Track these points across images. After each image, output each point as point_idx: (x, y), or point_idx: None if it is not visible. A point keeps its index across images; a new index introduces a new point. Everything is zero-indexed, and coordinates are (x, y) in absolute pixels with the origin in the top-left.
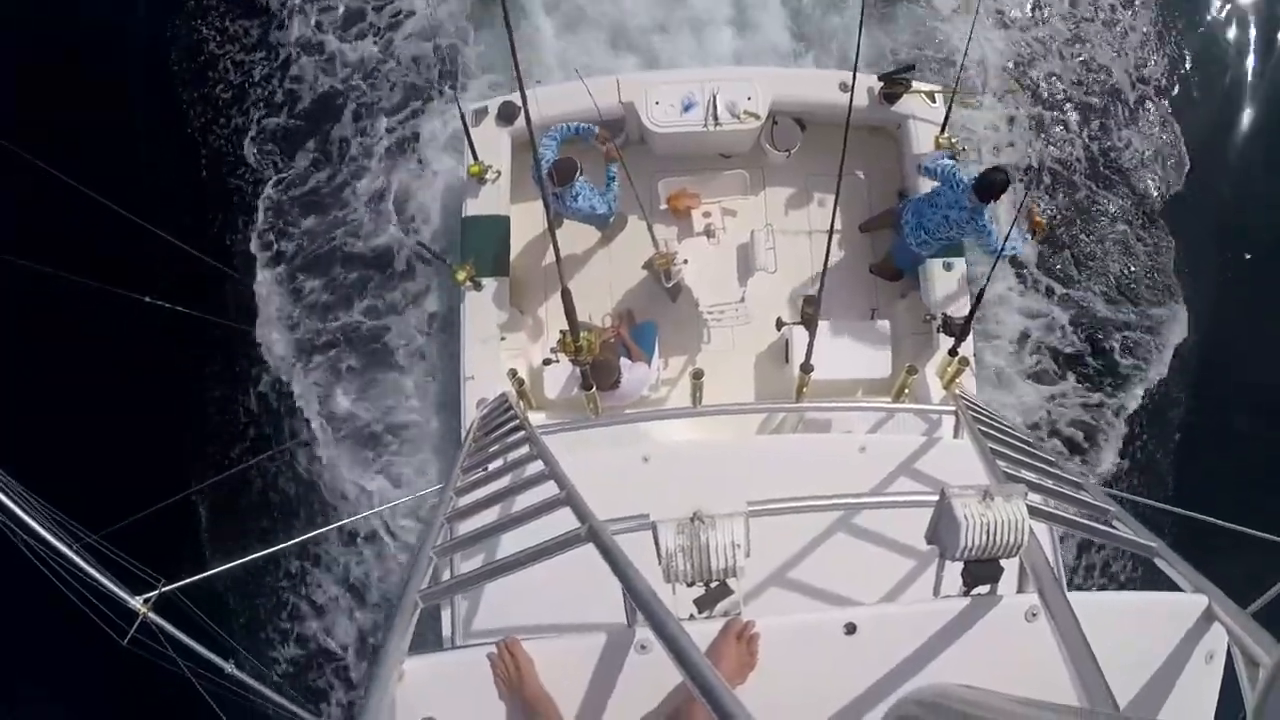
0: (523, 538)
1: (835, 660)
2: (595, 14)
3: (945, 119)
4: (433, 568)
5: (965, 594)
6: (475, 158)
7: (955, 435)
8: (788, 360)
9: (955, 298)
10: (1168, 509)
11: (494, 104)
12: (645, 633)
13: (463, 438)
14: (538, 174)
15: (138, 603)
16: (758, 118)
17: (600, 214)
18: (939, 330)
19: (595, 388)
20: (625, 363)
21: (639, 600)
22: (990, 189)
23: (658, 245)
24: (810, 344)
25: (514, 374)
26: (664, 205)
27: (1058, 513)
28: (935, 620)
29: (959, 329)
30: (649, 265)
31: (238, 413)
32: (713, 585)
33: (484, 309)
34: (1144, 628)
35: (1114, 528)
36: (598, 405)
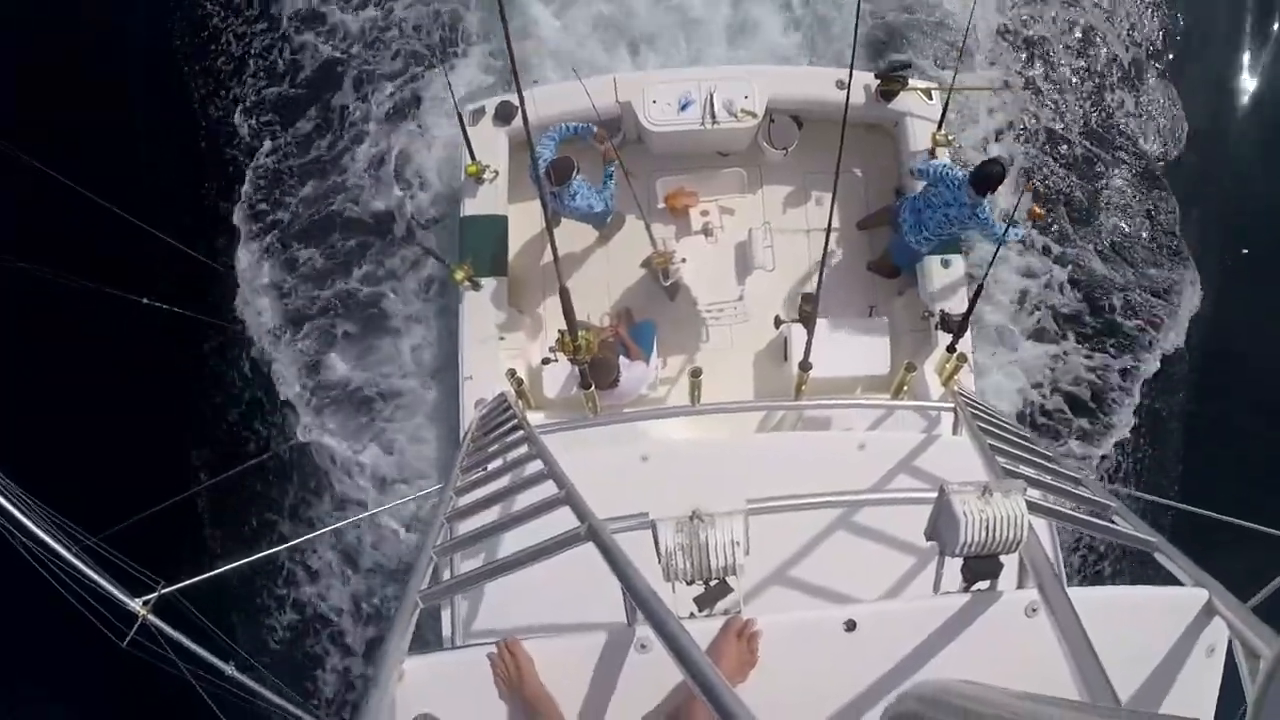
0: (522, 537)
1: (836, 657)
2: (593, 9)
3: (942, 116)
4: (433, 567)
5: (965, 590)
6: (473, 157)
7: (954, 432)
8: (786, 358)
9: (953, 295)
10: (1167, 504)
11: (491, 104)
12: (645, 631)
13: (462, 438)
14: (535, 173)
15: (137, 605)
16: (755, 116)
17: (598, 212)
18: (937, 327)
19: (594, 387)
20: (624, 361)
21: (639, 599)
22: (988, 182)
23: (656, 244)
24: (809, 342)
25: (513, 374)
26: (662, 204)
27: (1057, 508)
28: (935, 616)
29: (957, 326)
30: (647, 264)
31: (235, 412)
32: (712, 583)
33: (482, 309)
34: (1144, 622)
35: (1114, 523)
36: (596, 404)
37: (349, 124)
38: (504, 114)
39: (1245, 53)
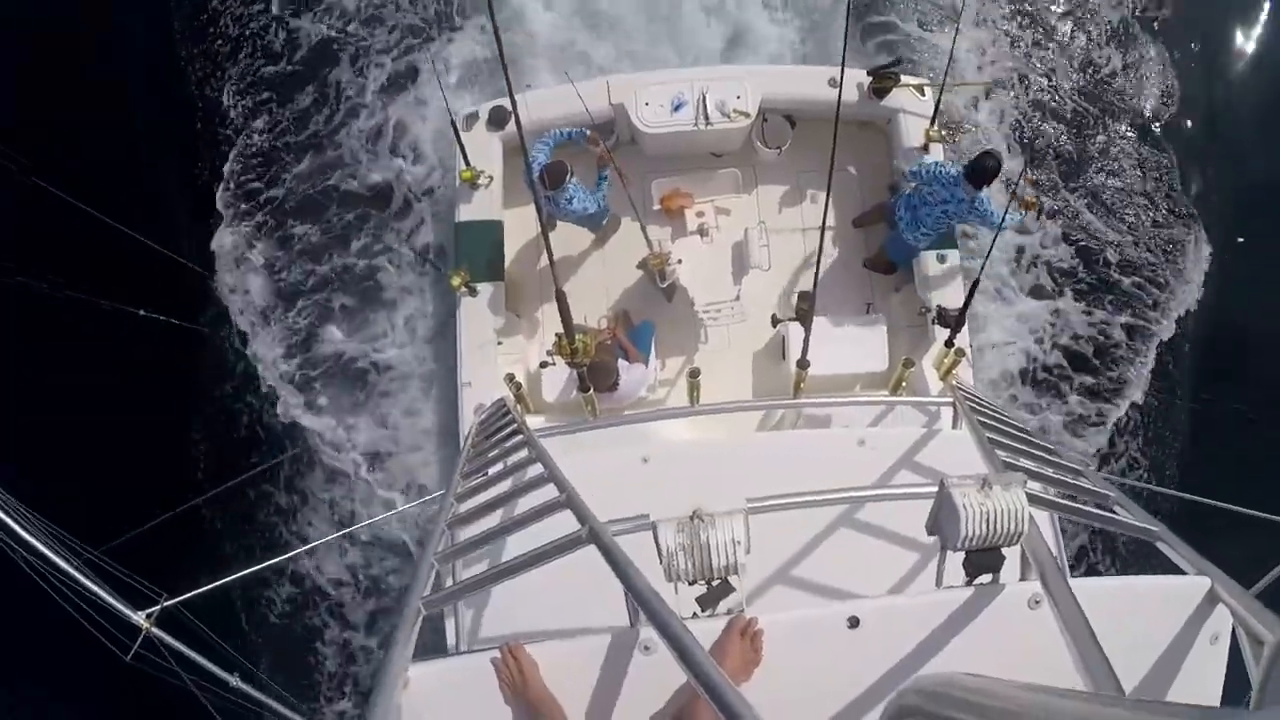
0: (524, 542)
1: (840, 654)
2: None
3: (935, 112)
4: (435, 574)
5: (968, 584)
6: (467, 163)
7: (954, 426)
8: (784, 357)
9: (949, 289)
10: (1167, 492)
11: (484, 109)
12: (649, 633)
13: (461, 443)
14: (529, 178)
15: (140, 618)
16: (748, 116)
17: (592, 214)
18: (934, 322)
19: (593, 390)
20: (623, 364)
21: (641, 600)
22: (984, 175)
23: (652, 246)
24: (806, 340)
25: (511, 378)
26: (657, 205)
27: (1057, 500)
28: (938, 611)
29: (954, 320)
30: (644, 266)
31: (233, 418)
32: (715, 583)
33: (480, 314)
34: (1148, 612)
35: (1115, 513)
36: (596, 407)
37: (345, 98)
38: (497, 119)
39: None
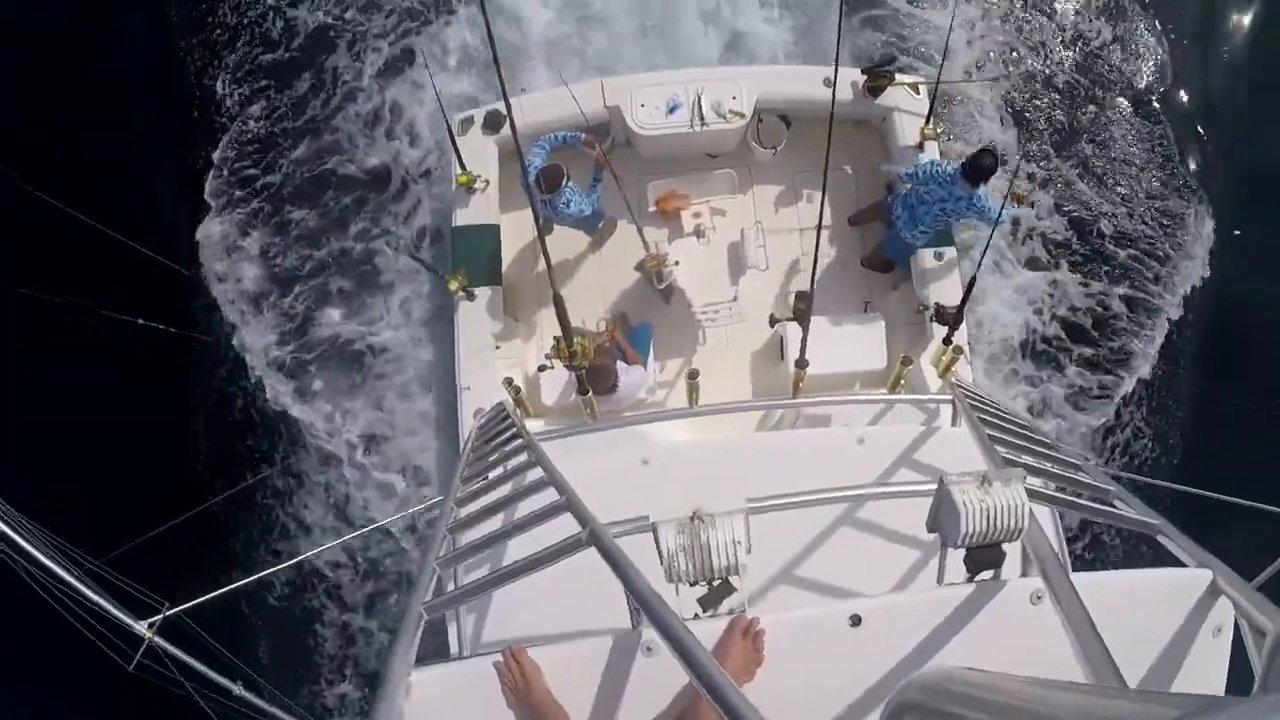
0: (525, 546)
1: (842, 653)
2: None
3: (930, 110)
4: (436, 579)
5: (969, 581)
6: (463, 167)
7: (953, 423)
8: (783, 357)
9: (947, 287)
10: (1167, 485)
11: (479, 113)
12: (651, 634)
13: (461, 448)
14: (525, 182)
15: (143, 627)
16: (743, 116)
17: (588, 216)
18: (932, 320)
19: (592, 392)
20: (621, 366)
21: (642, 602)
22: (981, 173)
23: (648, 247)
24: (804, 339)
25: (510, 382)
26: (653, 207)
27: (1057, 495)
28: (940, 608)
29: (952, 318)
30: (641, 268)
31: (228, 404)
32: (715, 584)
33: (478, 319)
34: (1150, 605)
35: (1115, 507)
36: (595, 410)
37: (341, 83)
38: (492, 123)
39: None
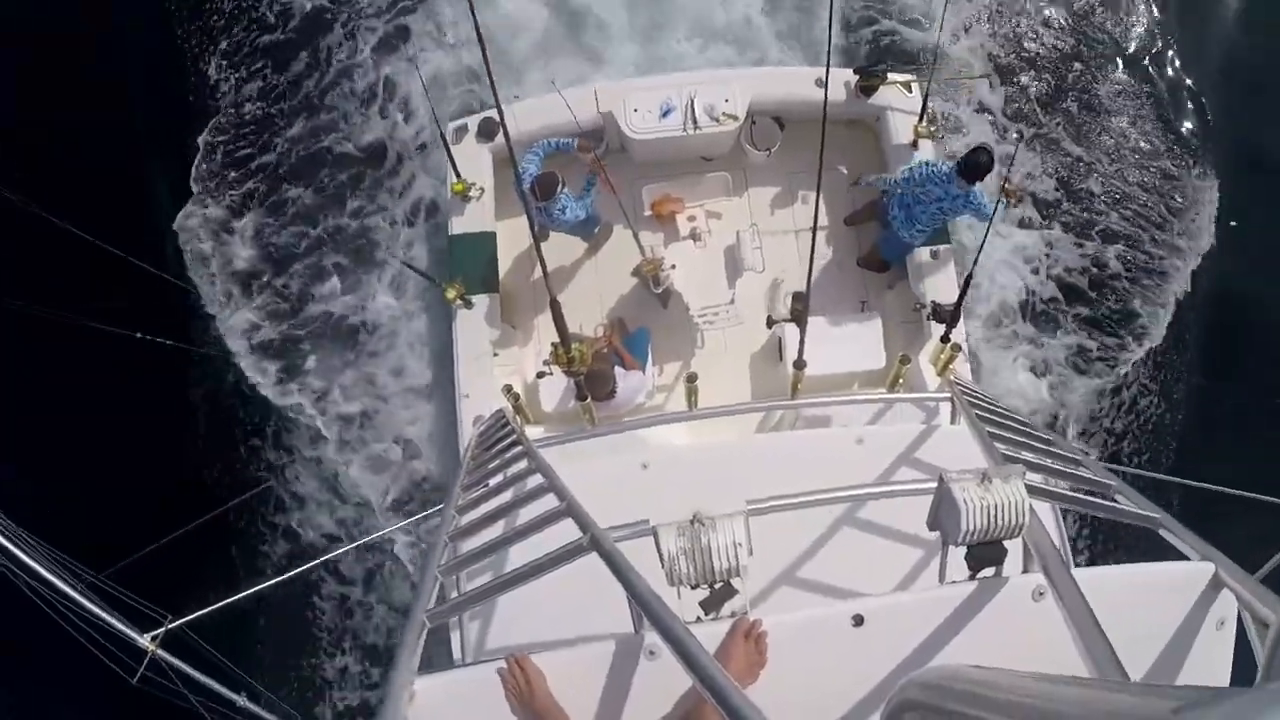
0: (526, 552)
1: (845, 653)
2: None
3: (923, 108)
4: (438, 587)
5: (971, 578)
6: (458, 175)
7: (953, 421)
8: (781, 358)
9: (943, 284)
10: (1168, 479)
11: (473, 121)
12: (653, 638)
13: (461, 456)
14: (520, 189)
15: (146, 640)
16: (736, 119)
17: (584, 222)
18: (929, 318)
19: (590, 398)
20: (620, 371)
21: (644, 605)
22: (978, 171)
23: (644, 252)
24: (802, 340)
25: (509, 389)
26: (648, 211)
27: (1058, 491)
28: (942, 607)
29: (949, 315)
30: (637, 272)
31: (231, 423)
32: (717, 586)
33: (476, 326)
34: (1152, 599)
35: (1116, 502)
36: (594, 415)
37: (336, 61)
38: (486, 131)
39: None
